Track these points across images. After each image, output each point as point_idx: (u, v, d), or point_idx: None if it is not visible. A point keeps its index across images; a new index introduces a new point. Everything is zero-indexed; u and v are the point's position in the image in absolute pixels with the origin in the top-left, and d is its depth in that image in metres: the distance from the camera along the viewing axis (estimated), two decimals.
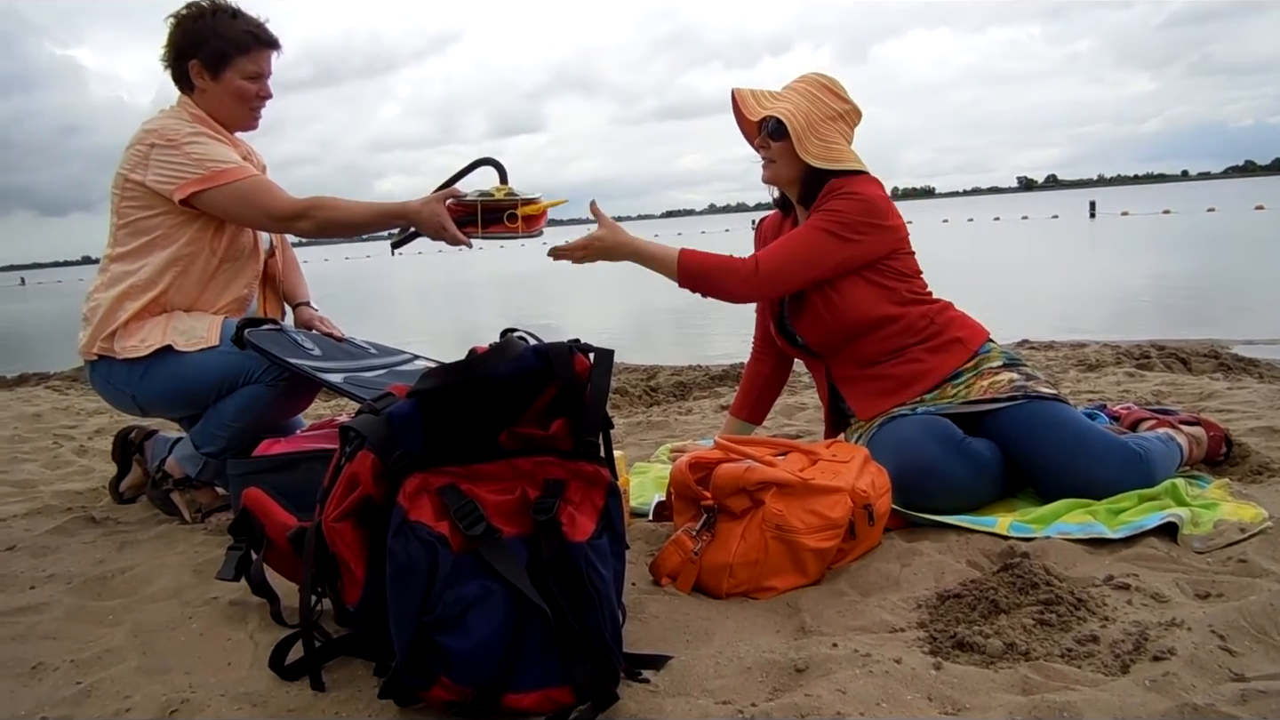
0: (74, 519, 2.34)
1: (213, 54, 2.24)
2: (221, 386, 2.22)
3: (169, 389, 2.25)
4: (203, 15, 2.25)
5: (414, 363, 2.51)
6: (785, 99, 2.12)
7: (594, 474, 1.36)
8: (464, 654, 1.21)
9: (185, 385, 2.24)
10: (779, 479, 1.64)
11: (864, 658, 1.31)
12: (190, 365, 2.21)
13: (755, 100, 2.14)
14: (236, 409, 2.22)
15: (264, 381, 2.19)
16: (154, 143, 2.19)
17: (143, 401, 2.31)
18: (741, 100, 2.15)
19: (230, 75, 2.26)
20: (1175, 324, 6.73)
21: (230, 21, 2.26)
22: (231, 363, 2.19)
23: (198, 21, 2.25)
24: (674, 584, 1.65)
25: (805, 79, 2.17)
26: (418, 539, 1.24)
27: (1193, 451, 2.15)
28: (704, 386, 4.53)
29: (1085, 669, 1.27)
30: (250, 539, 1.57)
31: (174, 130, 2.20)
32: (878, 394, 2.13)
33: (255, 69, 2.29)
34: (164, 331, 2.23)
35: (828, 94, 2.13)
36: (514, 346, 1.34)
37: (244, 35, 2.26)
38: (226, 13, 2.27)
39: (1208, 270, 12.07)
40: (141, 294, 2.24)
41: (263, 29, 2.30)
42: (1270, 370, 4.10)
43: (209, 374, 2.21)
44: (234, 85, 2.27)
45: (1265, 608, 1.36)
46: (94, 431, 3.86)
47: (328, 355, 2.27)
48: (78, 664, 1.48)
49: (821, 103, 2.12)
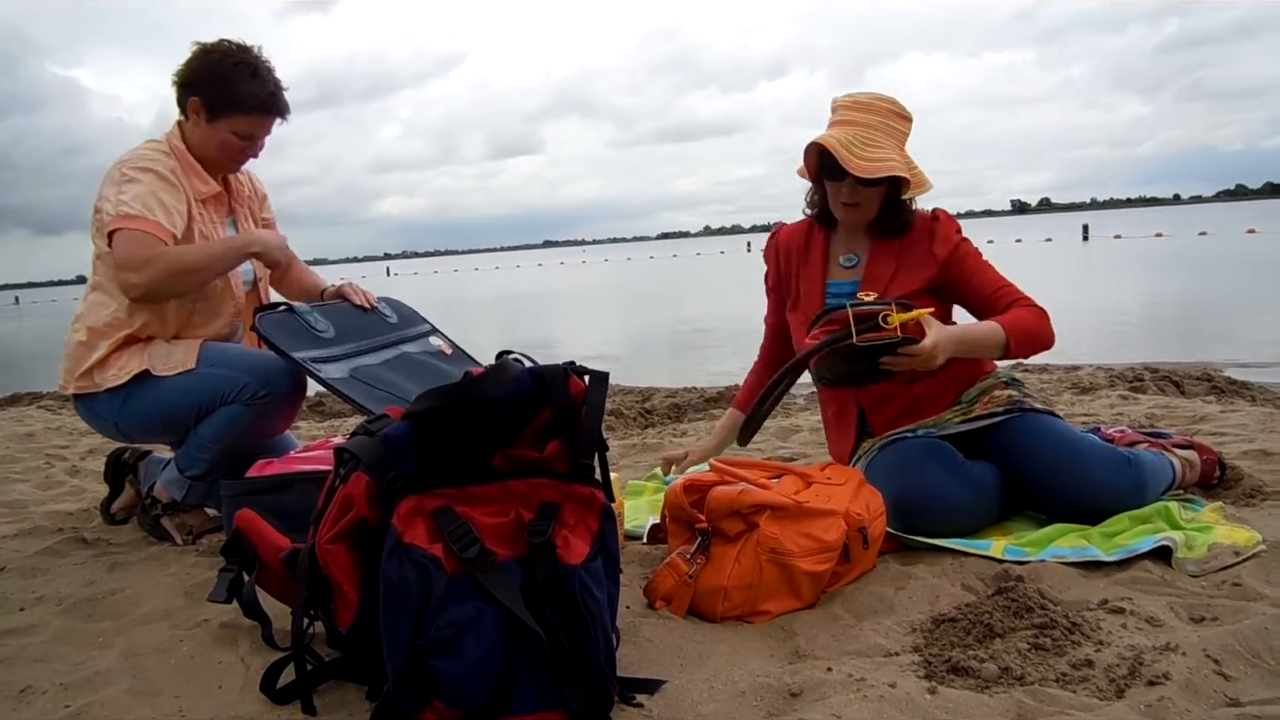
0: (65, 540, 2.32)
1: (216, 100, 2.23)
2: (199, 409, 2.20)
3: (149, 414, 2.24)
4: (225, 59, 2.23)
5: (429, 339, 2.53)
6: (880, 145, 2.01)
7: (588, 496, 1.36)
8: (457, 677, 1.20)
9: (164, 410, 2.22)
10: (773, 502, 1.64)
11: (858, 682, 1.31)
12: (168, 389, 2.20)
13: (850, 153, 1.98)
14: (214, 431, 2.21)
15: (240, 401, 2.18)
16: (112, 174, 2.18)
17: (125, 429, 2.30)
18: (843, 159, 1.98)
19: (223, 125, 2.25)
20: (1168, 347, 6.76)
21: (248, 79, 2.23)
22: (208, 385, 2.18)
23: (218, 65, 2.23)
24: (668, 607, 1.65)
25: (874, 108, 2.06)
26: (411, 561, 1.23)
27: (1186, 475, 2.16)
28: (699, 408, 4.53)
29: (1080, 693, 1.27)
30: (243, 561, 1.56)
31: (134, 164, 2.17)
32: (903, 413, 2.13)
33: (249, 130, 2.27)
34: (143, 358, 2.21)
35: (898, 120, 2.07)
36: (509, 369, 1.34)
37: (252, 98, 2.24)
38: (248, 68, 2.23)
39: (1200, 293, 12.15)
40: (116, 331, 2.22)
41: (275, 97, 2.28)
42: (1263, 393, 4.12)
43: (186, 397, 2.20)
44: (222, 135, 2.26)
45: (1260, 632, 1.36)
46: (86, 452, 3.85)
47: (342, 335, 2.26)
48: (67, 687, 1.46)
49: (899, 133, 2.07)
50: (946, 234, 2.12)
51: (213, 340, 2.32)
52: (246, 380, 2.18)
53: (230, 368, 2.20)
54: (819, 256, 2.22)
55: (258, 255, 2.29)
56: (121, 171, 2.17)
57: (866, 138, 2.01)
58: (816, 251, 2.22)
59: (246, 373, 2.19)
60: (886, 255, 2.14)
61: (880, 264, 2.14)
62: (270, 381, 2.19)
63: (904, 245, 2.14)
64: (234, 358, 2.23)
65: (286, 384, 2.21)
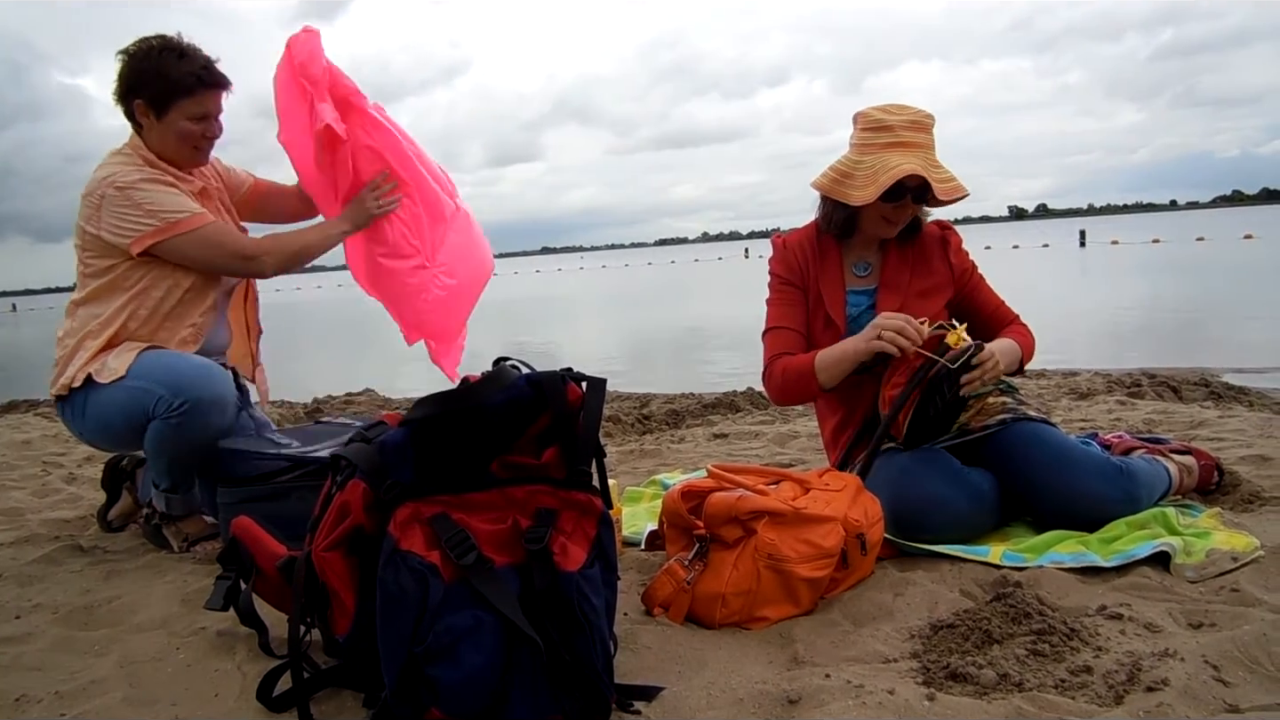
0: (61, 548, 2.32)
1: (157, 94, 2.19)
2: (131, 422, 2.16)
3: (97, 423, 2.21)
4: (150, 54, 2.20)
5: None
6: (942, 166, 2.04)
7: (586, 503, 1.35)
8: (454, 685, 1.20)
9: (105, 421, 2.20)
10: (771, 508, 1.64)
11: (857, 689, 1.30)
12: (105, 401, 2.16)
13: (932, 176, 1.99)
14: (151, 447, 2.18)
15: (159, 416, 2.12)
16: (104, 193, 2.15)
17: (88, 438, 2.29)
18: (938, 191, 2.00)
19: (174, 116, 2.21)
20: (1166, 352, 6.77)
21: (176, 62, 2.20)
22: (132, 398, 2.13)
23: (144, 60, 2.20)
24: (666, 614, 1.64)
25: (923, 125, 2.05)
26: (408, 568, 1.23)
27: (1184, 480, 2.16)
28: (697, 415, 4.53)
29: (1079, 700, 1.26)
30: (239, 568, 1.55)
31: (123, 178, 2.16)
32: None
33: (200, 110, 2.23)
34: (98, 363, 2.18)
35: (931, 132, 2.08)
36: (506, 375, 1.34)
37: (188, 76, 2.20)
38: (174, 52, 2.21)
39: (1198, 299, 12.17)
40: (101, 332, 2.21)
41: (209, 69, 2.24)
42: (1261, 399, 4.12)
43: (117, 410, 2.16)
44: (177, 126, 2.22)
45: (1258, 637, 1.36)
46: (83, 459, 3.84)
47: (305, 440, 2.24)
48: (62, 696, 1.46)
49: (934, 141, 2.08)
50: (958, 247, 2.21)
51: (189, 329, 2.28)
52: (161, 393, 2.11)
53: (149, 380, 2.13)
54: (836, 266, 2.22)
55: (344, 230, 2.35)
56: (118, 187, 2.15)
57: (933, 160, 2.05)
58: (833, 261, 2.22)
59: (160, 384, 2.12)
60: (900, 263, 2.19)
61: (895, 271, 2.18)
62: (181, 390, 2.11)
63: (915, 253, 2.19)
64: (158, 368, 2.16)
65: (201, 391, 2.13)
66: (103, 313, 2.22)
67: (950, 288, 2.20)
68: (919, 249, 2.20)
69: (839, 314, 2.17)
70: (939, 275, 2.19)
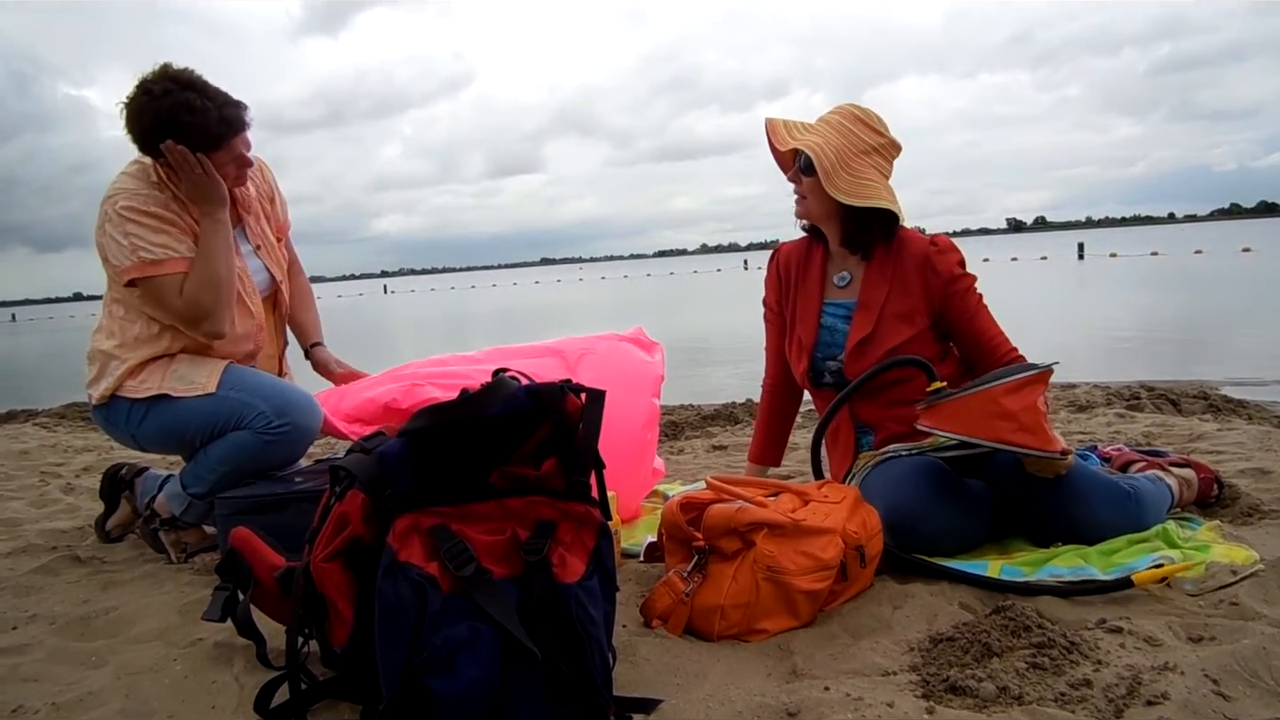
0: (59, 558, 2.31)
1: (190, 143, 2.12)
2: (211, 430, 2.22)
3: (166, 429, 2.25)
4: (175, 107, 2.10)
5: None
6: (816, 131, 2.06)
7: (585, 514, 1.35)
8: (452, 697, 1.19)
9: (181, 427, 2.23)
10: (770, 520, 1.63)
11: (856, 701, 1.30)
12: (184, 410, 2.21)
13: (787, 131, 2.09)
14: (222, 454, 2.22)
15: (253, 429, 2.18)
16: (106, 212, 2.16)
17: (142, 441, 2.32)
18: (773, 130, 2.11)
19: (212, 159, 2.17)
20: (1165, 365, 6.77)
21: (202, 114, 2.11)
22: (223, 408, 2.19)
23: (172, 111, 2.10)
24: (665, 626, 1.64)
25: (840, 111, 2.10)
26: (407, 579, 1.23)
27: (1183, 493, 2.16)
28: (696, 426, 4.52)
29: (1079, 713, 1.26)
30: (237, 579, 1.55)
31: (124, 202, 2.14)
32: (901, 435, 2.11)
33: (231, 156, 2.20)
34: (163, 377, 2.23)
35: (861, 126, 2.05)
36: (506, 386, 1.34)
37: (219, 128, 2.14)
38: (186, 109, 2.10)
39: (1197, 312, 12.18)
40: (143, 347, 2.23)
41: (234, 119, 2.18)
42: (1260, 412, 4.12)
43: (201, 418, 2.21)
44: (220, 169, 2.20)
45: (1258, 651, 1.35)
46: (81, 469, 3.83)
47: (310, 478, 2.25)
48: (59, 707, 1.45)
49: (855, 136, 2.04)
50: (947, 265, 2.10)
51: (237, 355, 2.32)
52: (262, 408, 2.18)
53: (251, 393, 2.21)
54: (817, 274, 2.23)
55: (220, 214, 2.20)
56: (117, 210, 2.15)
57: (811, 127, 2.09)
58: (815, 269, 2.23)
59: (265, 401, 2.20)
60: (879, 279, 2.13)
61: (873, 284, 2.14)
62: (285, 412, 2.19)
63: (896, 267, 2.12)
64: (256, 384, 2.24)
65: (303, 418, 2.21)
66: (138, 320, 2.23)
67: (921, 297, 2.10)
68: (899, 265, 2.12)
69: (809, 335, 2.19)
70: (917, 298, 2.10)
